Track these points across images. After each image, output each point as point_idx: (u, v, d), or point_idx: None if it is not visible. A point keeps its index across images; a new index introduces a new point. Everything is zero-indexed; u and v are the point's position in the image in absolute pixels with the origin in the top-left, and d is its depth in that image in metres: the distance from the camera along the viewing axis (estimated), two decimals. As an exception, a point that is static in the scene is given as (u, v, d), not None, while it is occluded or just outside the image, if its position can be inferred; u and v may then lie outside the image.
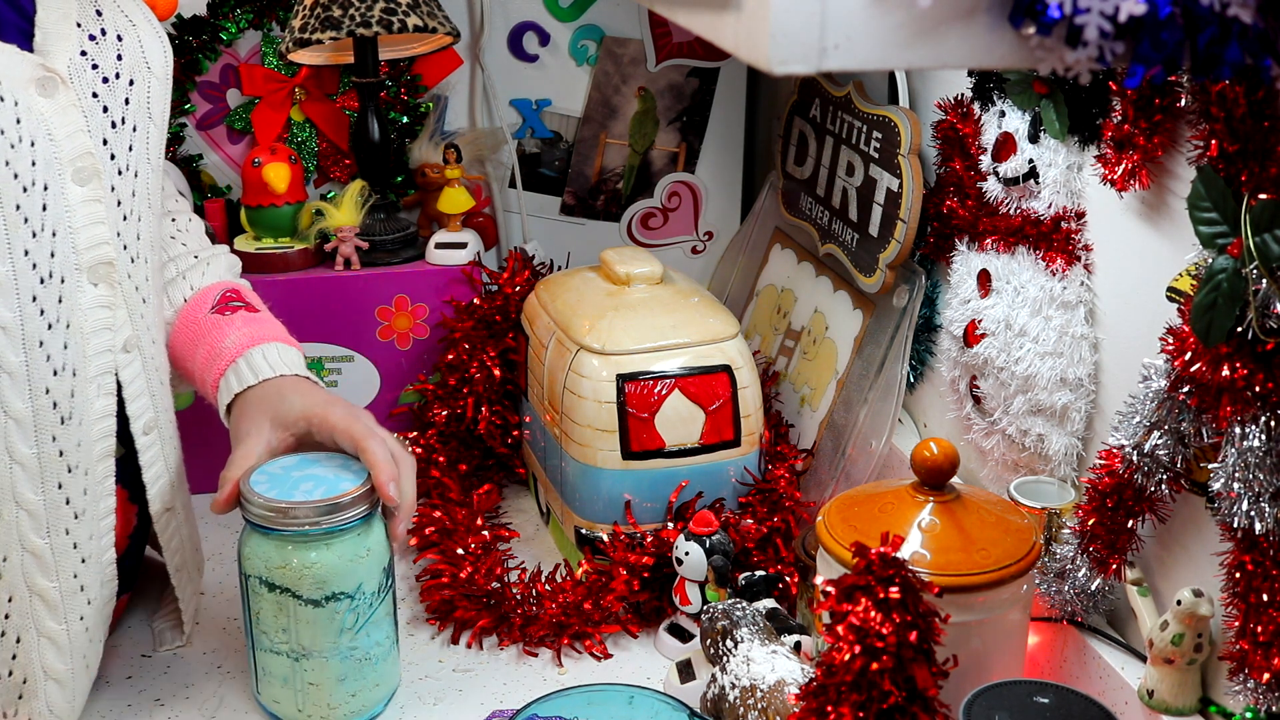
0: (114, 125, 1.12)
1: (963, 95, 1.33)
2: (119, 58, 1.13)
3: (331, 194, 1.68)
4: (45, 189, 1.04)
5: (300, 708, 1.19)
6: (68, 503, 1.11)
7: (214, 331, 1.28)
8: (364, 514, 1.17)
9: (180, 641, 1.34)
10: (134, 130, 1.14)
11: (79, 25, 1.10)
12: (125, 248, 1.13)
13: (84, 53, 1.10)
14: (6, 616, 1.10)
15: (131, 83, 1.14)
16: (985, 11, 0.64)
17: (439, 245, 1.68)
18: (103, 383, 1.12)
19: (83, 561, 1.13)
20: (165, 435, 1.24)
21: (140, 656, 1.33)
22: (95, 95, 1.10)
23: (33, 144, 1.02)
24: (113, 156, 1.12)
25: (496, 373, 1.62)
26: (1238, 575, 0.94)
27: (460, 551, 1.42)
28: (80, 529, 1.12)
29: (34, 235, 1.03)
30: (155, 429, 1.21)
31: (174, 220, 1.37)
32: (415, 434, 1.63)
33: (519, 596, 1.38)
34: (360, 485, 1.16)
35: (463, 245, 1.68)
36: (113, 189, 1.12)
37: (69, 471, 1.10)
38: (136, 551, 1.30)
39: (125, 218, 1.14)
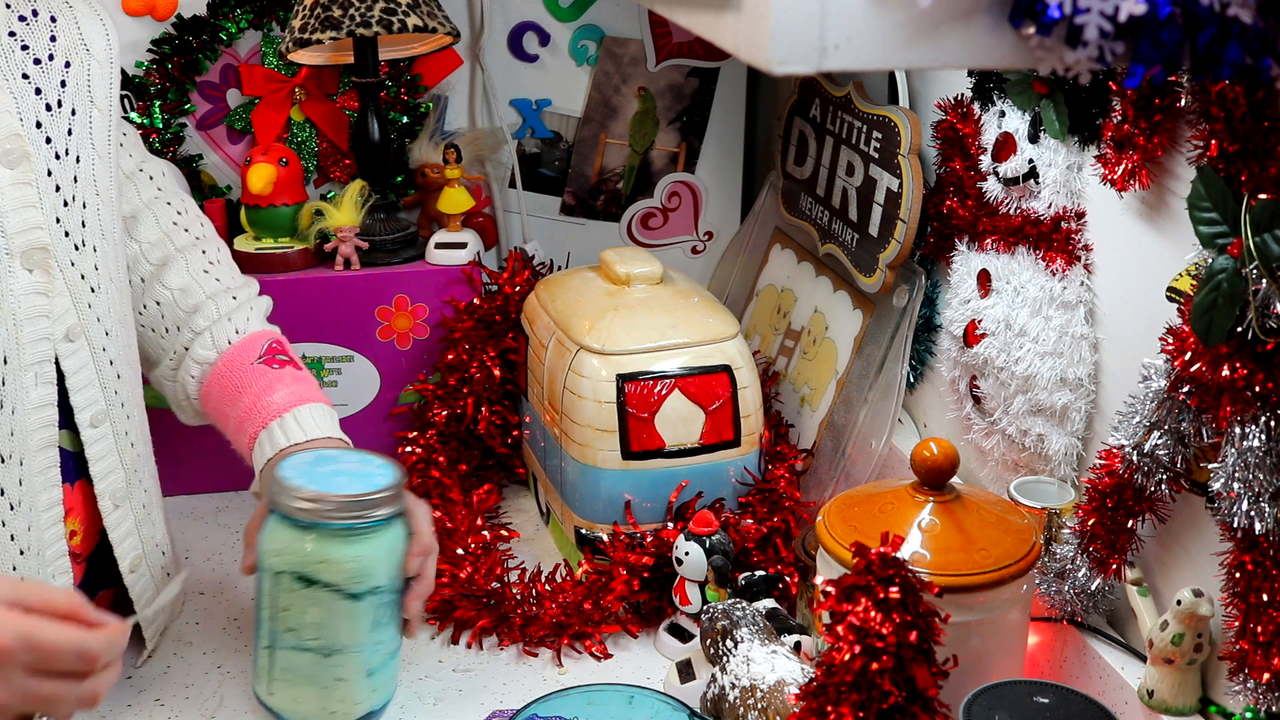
0: (49, 108, 1.09)
1: (963, 95, 1.33)
2: (52, 39, 1.10)
3: (331, 194, 1.68)
4: None
5: (325, 705, 1.17)
6: (2, 493, 1.08)
7: (260, 381, 1.28)
8: (400, 509, 1.16)
9: (142, 657, 1.31)
10: (73, 114, 1.11)
11: (8, 6, 1.08)
12: (66, 234, 1.11)
13: (13, 33, 1.07)
14: None
15: (68, 65, 1.11)
16: (985, 11, 0.64)
17: (439, 245, 1.68)
18: (40, 371, 1.09)
19: (21, 554, 1.10)
20: (120, 430, 1.21)
21: (140, 656, 1.33)
22: (26, 77, 1.07)
23: None
24: (48, 140, 1.09)
25: (496, 373, 1.62)
26: (1238, 575, 0.94)
27: (460, 551, 1.42)
28: (17, 520, 1.09)
29: None
30: (106, 422, 1.18)
31: (204, 252, 1.35)
32: (415, 434, 1.63)
33: (519, 596, 1.38)
34: (395, 480, 1.16)
35: (463, 245, 1.68)
36: (49, 173, 1.09)
37: (2, 462, 1.07)
38: (110, 546, 1.27)
39: (66, 204, 1.11)
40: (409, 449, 1.62)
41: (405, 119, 1.78)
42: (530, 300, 1.59)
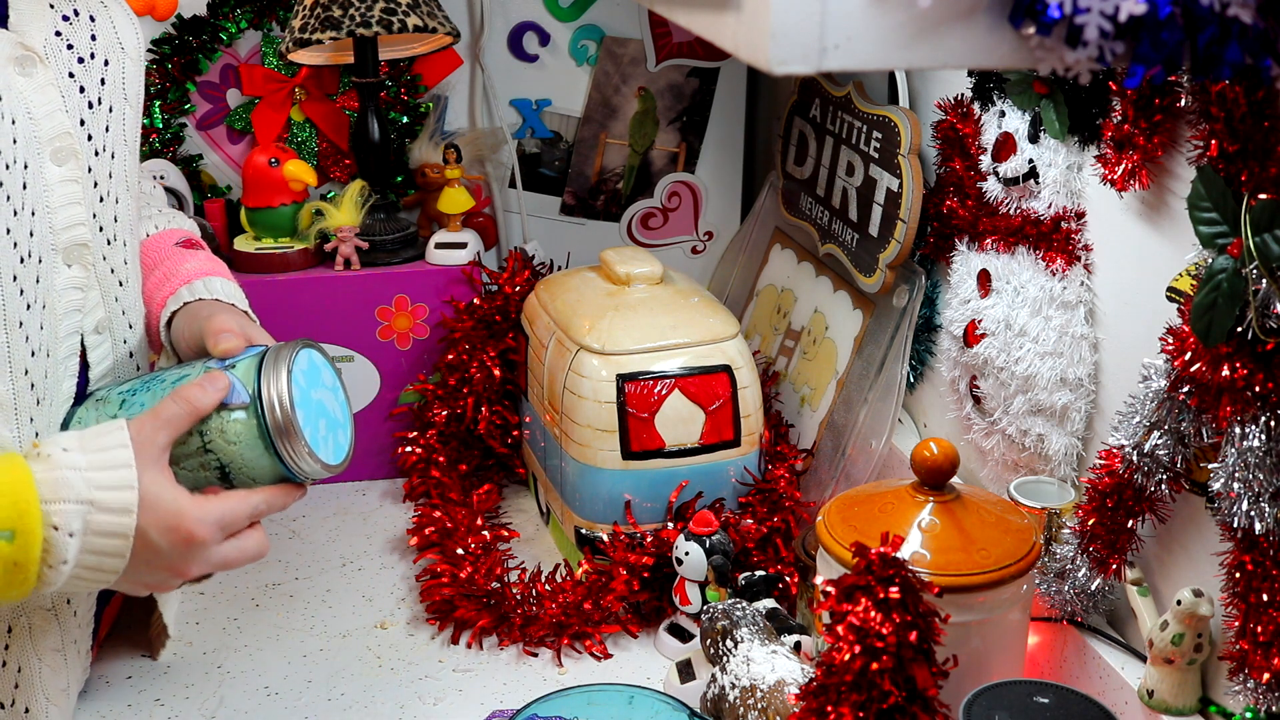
0: (90, 106, 1.11)
1: (963, 95, 1.33)
2: (93, 38, 1.12)
3: (331, 194, 1.68)
4: (25, 167, 1.02)
5: None
6: None
7: (175, 258, 1.27)
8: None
9: (164, 644, 1.33)
10: (110, 111, 1.14)
11: (52, 6, 1.10)
12: (101, 229, 1.13)
13: (58, 33, 1.09)
14: None
15: (106, 63, 1.13)
16: (985, 11, 0.64)
17: (439, 245, 1.68)
18: (69, 365, 1.11)
19: None
20: None
21: (140, 656, 1.33)
22: (71, 75, 1.09)
23: (13, 122, 1.01)
24: (90, 137, 1.11)
25: (496, 373, 1.62)
26: (1238, 575, 0.94)
27: (460, 551, 1.42)
28: None
29: (15, 214, 1.01)
30: None
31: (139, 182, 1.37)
32: (415, 434, 1.63)
33: (519, 596, 1.38)
34: (347, 456, 1.13)
35: (463, 245, 1.68)
36: (89, 170, 1.11)
37: None
38: None
39: (102, 199, 1.13)
40: (409, 449, 1.62)
41: (405, 119, 1.78)
42: (530, 300, 1.59)
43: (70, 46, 1.10)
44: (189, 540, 0.99)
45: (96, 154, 1.12)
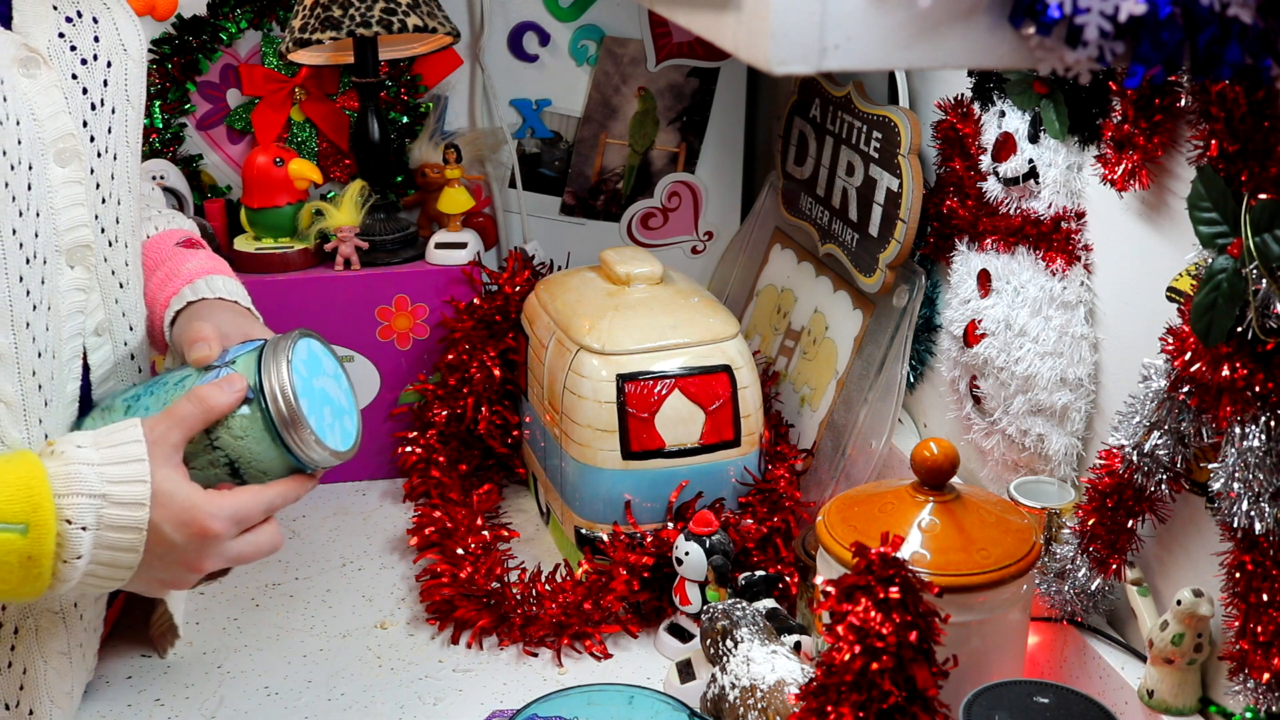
0: (93, 107, 1.12)
1: (963, 95, 1.33)
2: (95, 39, 1.13)
3: (331, 194, 1.68)
4: (30, 169, 1.03)
5: None
6: None
7: (176, 258, 1.27)
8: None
9: (172, 643, 1.33)
10: (113, 112, 1.14)
11: (55, 8, 1.10)
12: (103, 231, 1.13)
13: (61, 34, 1.09)
14: (3, 608, 1.09)
15: (109, 65, 1.14)
16: (985, 11, 0.64)
17: (439, 245, 1.68)
18: (73, 367, 1.11)
19: None
20: None
21: (140, 656, 1.33)
22: (74, 77, 1.10)
23: (17, 123, 1.01)
24: (92, 139, 1.11)
25: (496, 373, 1.62)
26: (1238, 575, 0.94)
27: (460, 551, 1.42)
28: None
29: (20, 215, 1.02)
30: None
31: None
32: (415, 434, 1.63)
33: (519, 596, 1.38)
34: (355, 443, 1.13)
35: (463, 245, 1.68)
36: (92, 171, 1.11)
37: None
38: None
39: (104, 200, 1.13)
40: (409, 449, 1.62)
41: (405, 119, 1.78)
42: (530, 300, 1.59)
43: (73, 48, 1.10)
44: (203, 534, 1.00)
45: (99, 155, 1.12)
